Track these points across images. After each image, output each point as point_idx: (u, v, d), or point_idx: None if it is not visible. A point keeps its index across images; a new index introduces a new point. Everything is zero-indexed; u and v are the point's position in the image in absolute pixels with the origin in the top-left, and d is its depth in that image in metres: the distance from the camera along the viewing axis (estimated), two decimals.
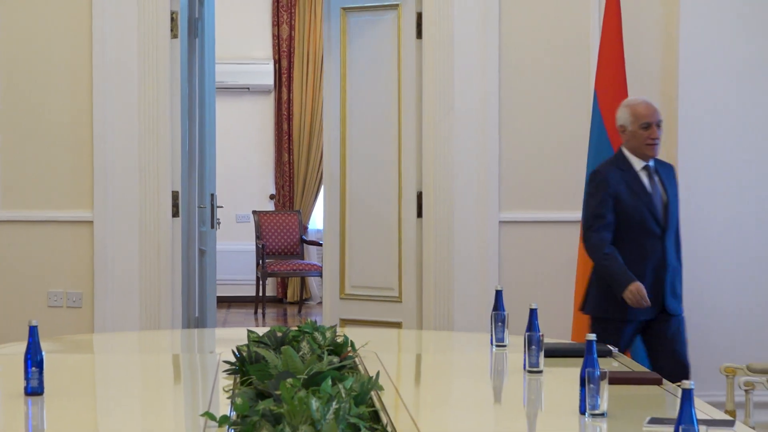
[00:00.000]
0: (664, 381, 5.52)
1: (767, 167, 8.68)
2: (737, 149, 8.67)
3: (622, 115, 7.18)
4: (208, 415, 4.49)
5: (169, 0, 8.71)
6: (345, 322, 8.69)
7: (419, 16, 8.89)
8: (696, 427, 3.74)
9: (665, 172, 7.38)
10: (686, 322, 8.75)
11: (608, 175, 7.17)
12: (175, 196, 8.84)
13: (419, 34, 8.91)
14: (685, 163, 8.66)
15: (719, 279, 8.68)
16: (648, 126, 7.07)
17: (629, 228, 7.13)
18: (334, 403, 4.21)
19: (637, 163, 7.16)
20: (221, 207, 10.12)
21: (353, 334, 6.04)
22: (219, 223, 9.65)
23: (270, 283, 15.11)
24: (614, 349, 6.52)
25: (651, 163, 7.21)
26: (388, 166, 9.05)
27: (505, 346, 6.18)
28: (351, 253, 9.11)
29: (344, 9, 9.12)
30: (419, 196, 8.95)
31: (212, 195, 9.35)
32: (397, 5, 8.98)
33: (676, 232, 7.42)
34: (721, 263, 8.68)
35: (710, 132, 8.67)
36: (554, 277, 8.64)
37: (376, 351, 5.91)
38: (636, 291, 6.93)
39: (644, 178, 7.19)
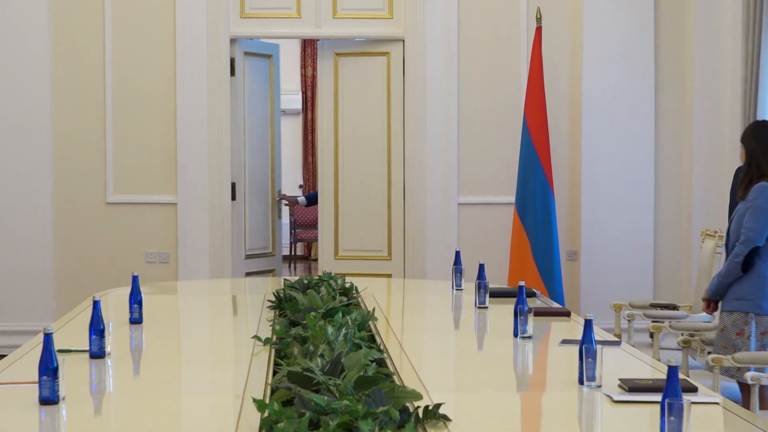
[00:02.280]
0: (572, 314, 5.52)
1: (642, 158, 8.67)
2: (622, 150, 8.64)
3: None
4: (256, 337, 4.51)
5: (229, 49, 8.68)
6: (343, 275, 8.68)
7: (403, 61, 8.87)
8: (594, 345, 3.74)
9: None
10: (587, 272, 8.78)
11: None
12: (233, 186, 8.81)
13: (403, 74, 8.88)
14: (586, 157, 8.67)
15: (611, 238, 8.68)
16: None
17: None
18: (343, 329, 4.21)
19: None
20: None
21: (356, 281, 6.03)
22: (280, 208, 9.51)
23: (299, 245, 15.11)
24: (536, 292, 6.52)
25: None
26: (378, 167, 8.97)
27: (462, 289, 6.20)
28: (344, 225, 9.08)
29: (336, 54, 9.06)
30: (404, 186, 8.94)
31: (279, 191, 9.25)
32: (387, 53, 8.93)
33: None
34: (611, 227, 8.68)
35: (604, 138, 8.65)
36: (495, 241, 8.62)
37: (372, 293, 5.91)
38: None
39: None
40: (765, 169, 5.25)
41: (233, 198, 8.84)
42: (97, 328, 4.18)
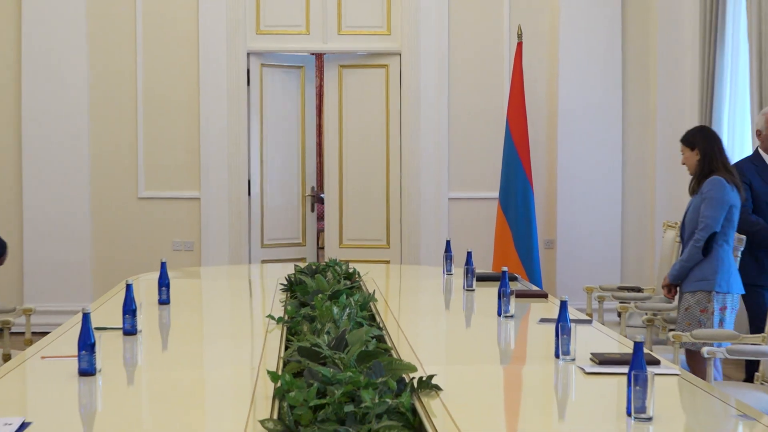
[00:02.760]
0: (549, 296, 5.53)
1: (611, 159, 8.69)
2: (593, 151, 8.66)
3: (760, 121, 5.97)
4: (270, 316, 4.51)
5: (246, 62, 8.67)
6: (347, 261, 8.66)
7: (400, 72, 8.87)
8: (568, 323, 3.74)
9: None
10: (562, 259, 8.79)
11: (744, 168, 5.86)
12: (249, 182, 8.83)
13: (400, 84, 8.88)
14: (561, 157, 8.69)
15: (583, 229, 8.69)
16: None
17: (759, 209, 5.87)
18: (347, 309, 4.22)
19: None
20: None
21: (358, 267, 6.04)
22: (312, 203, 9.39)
23: None
24: (518, 276, 6.52)
25: None
26: (378, 166, 8.97)
27: (452, 274, 6.20)
28: (347, 218, 9.08)
29: (341, 66, 9.06)
30: (400, 183, 8.94)
31: (312, 187, 9.19)
32: (385, 65, 8.93)
33: None
34: (584, 219, 8.70)
35: (578, 141, 8.66)
36: (481, 232, 8.62)
37: (373, 278, 5.91)
38: None
39: None
40: (714, 166, 5.32)
41: (249, 193, 8.86)
42: (129, 308, 4.19)
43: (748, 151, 7.30)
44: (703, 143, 5.36)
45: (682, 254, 5.42)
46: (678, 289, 5.45)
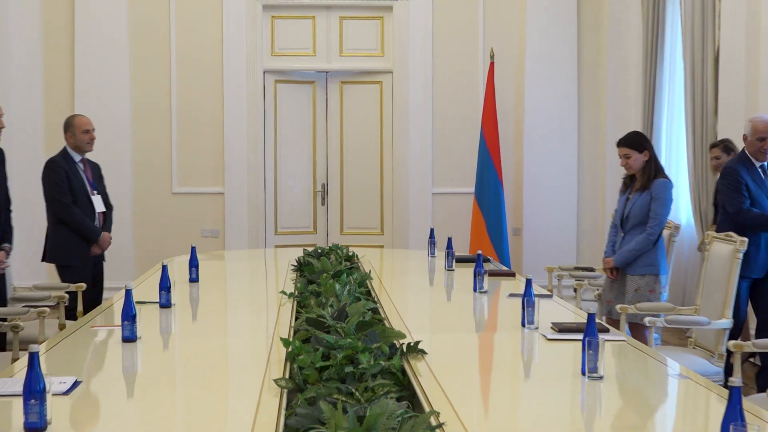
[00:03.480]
0: (516, 274, 5.52)
1: (568, 159, 8.71)
2: (553, 153, 8.67)
3: (747, 127, 5.46)
4: (283, 292, 4.50)
5: (262, 79, 8.66)
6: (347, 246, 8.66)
7: (392, 87, 8.86)
8: (532, 298, 3.74)
9: None
10: (527, 244, 8.80)
11: (740, 170, 5.39)
12: (266, 179, 8.82)
13: (392, 97, 8.87)
14: (527, 158, 8.71)
15: (545, 219, 8.71)
16: (763, 139, 5.34)
17: (753, 206, 5.35)
18: (347, 286, 4.21)
19: (756, 163, 5.41)
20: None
21: (357, 251, 6.03)
22: (324, 197, 9.25)
23: None
24: (490, 258, 6.51)
25: (765, 163, 5.43)
26: (373, 166, 8.99)
27: (435, 257, 6.19)
28: (347, 209, 9.07)
29: (342, 82, 9.05)
30: (392, 180, 8.93)
31: (323, 184, 9.14)
32: (380, 81, 8.92)
33: None
34: (546, 210, 8.72)
35: (541, 144, 8.67)
36: (459, 221, 8.62)
37: (369, 260, 5.90)
38: None
39: (762, 174, 5.42)
40: (659, 167, 5.28)
41: (266, 189, 8.85)
42: (165, 285, 4.18)
43: (683, 153, 7.32)
44: (649, 146, 5.30)
45: (627, 243, 5.29)
46: (618, 271, 5.36)
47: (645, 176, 5.26)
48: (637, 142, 5.33)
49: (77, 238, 5.61)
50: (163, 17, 8.60)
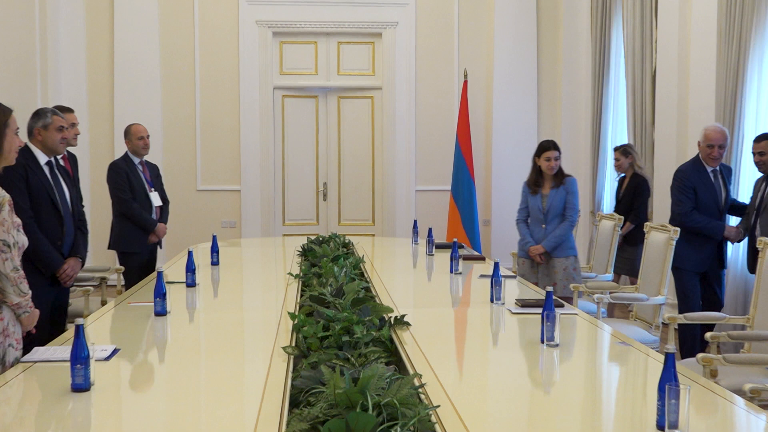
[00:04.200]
0: (486, 259, 5.53)
1: (530, 161, 8.71)
2: (517, 156, 8.61)
3: (701, 134, 5.05)
4: (290, 273, 4.49)
5: (272, 94, 8.63)
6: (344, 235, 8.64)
7: (382, 101, 8.84)
8: (500, 278, 3.74)
9: (727, 174, 5.14)
10: (495, 232, 8.79)
11: (690, 174, 5.03)
12: (275, 178, 8.80)
13: (382, 109, 8.86)
14: (495, 161, 8.69)
15: (510, 212, 8.68)
16: (712, 146, 4.94)
17: (702, 210, 4.96)
18: (344, 268, 4.20)
19: (708, 168, 5.00)
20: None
21: (352, 239, 6.03)
22: (325, 193, 9.14)
23: None
24: (464, 245, 6.51)
25: (717, 168, 5.03)
26: (366, 167, 8.95)
27: (418, 244, 6.20)
28: (344, 203, 9.06)
29: (339, 96, 9.00)
30: (382, 179, 8.92)
31: (324, 183, 9.10)
32: (371, 96, 8.89)
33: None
34: (510, 205, 8.69)
35: (507, 148, 8.65)
36: (438, 214, 8.60)
37: (362, 246, 5.90)
38: (732, 228, 5.03)
39: (712, 178, 5.01)
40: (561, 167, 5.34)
41: (277, 187, 8.84)
42: (190, 268, 4.16)
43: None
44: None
45: (550, 231, 5.16)
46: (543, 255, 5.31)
47: (559, 175, 5.28)
48: (549, 147, 5.37)
49: (137, 229, 5.59)
50: (188, 42, 8.55)
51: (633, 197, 6.32)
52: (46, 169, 4.04)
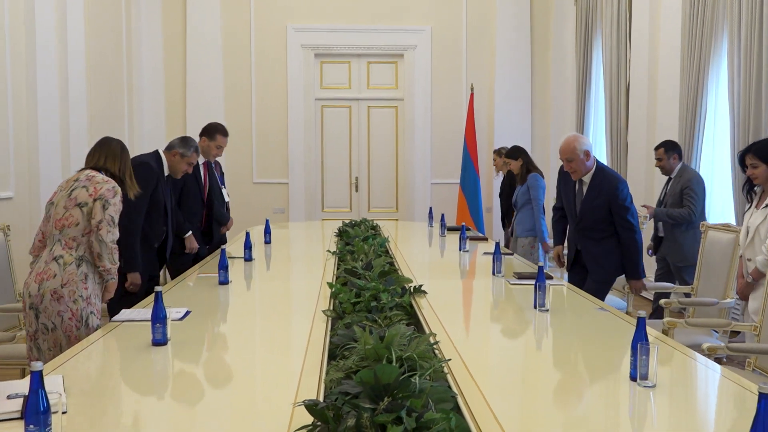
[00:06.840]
0: (489, 239, 5.49)
1: None
2: None
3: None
4: (328, 251, 4.48)
5: (314, 105, 8.62)
6: (372, 219, 8.63)
7: (404, 110, 8.79)
8: (500, 255, 3.71)
9: (597, 185, 3.96)
10: (495, 218, 8.68)
11: (559, 183, 4.25)
12: (316, 173, 8.79)
13: (404, 117, 8.81)
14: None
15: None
16: (564, 161, 4.00)
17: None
18: (373, 247, 4.19)
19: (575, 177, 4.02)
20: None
21: (380, 223, 6.01)
22: (357, 185, 8.97)
23: None
24: (471, 228, 6.46)
25: (585, 179, 3.98)
26: (390, 164, 8.92)
27: (432, 227, 6.16)
28: (373, 194, 9.03)
29: (369, 106, 8.91)
30: (405, 174, 8.88)
31: (356, 177, 9.07)
32: (395, 106, 8.85)
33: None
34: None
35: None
36: (449, 202, 8.57)
37: (387, 229, 5.88)
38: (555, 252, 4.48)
39: (578, 186, 3.98)
40: (532, 167, 5.53)
41: (319, 181, 8.82)
42: (248, 245, 4.18)
43: (604, 157, 7.23)
44: (525, 156, 5.56)
45: (520, 216, 5.45)
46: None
47: (519, 174, 5.59)
48: (510, 153, 5.66)
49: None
50: (246, 63, 8.57)
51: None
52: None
